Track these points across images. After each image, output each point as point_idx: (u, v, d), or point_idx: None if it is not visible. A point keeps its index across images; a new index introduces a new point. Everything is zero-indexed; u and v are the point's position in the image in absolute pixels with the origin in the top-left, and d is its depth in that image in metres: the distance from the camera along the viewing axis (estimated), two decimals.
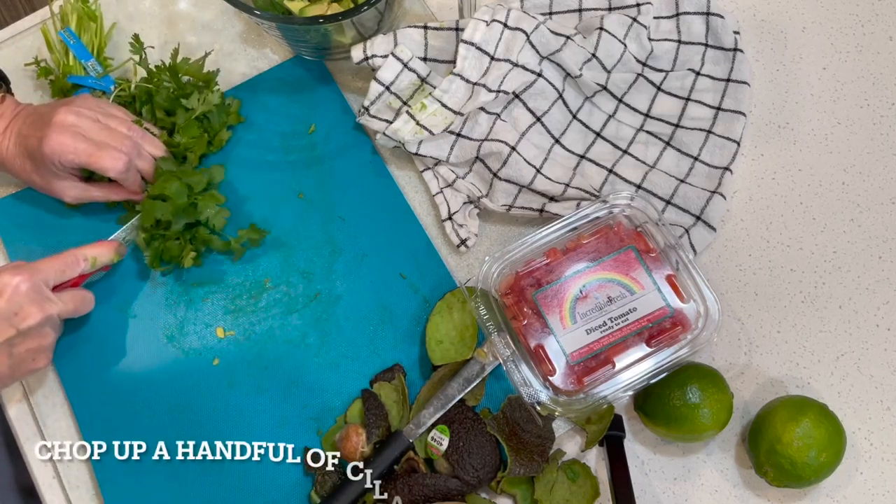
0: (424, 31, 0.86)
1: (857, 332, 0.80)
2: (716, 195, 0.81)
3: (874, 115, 0.87)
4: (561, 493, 0.74)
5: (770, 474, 0.72)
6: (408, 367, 0.79)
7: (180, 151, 0.83)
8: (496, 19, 0.82)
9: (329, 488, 0.74)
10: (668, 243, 0.75)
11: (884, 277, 0.81)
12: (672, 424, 0.73)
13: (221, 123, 0.86)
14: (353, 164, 0.86)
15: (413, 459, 0.74)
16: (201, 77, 0.86)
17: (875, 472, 0.76)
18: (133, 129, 0.80)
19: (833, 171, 0.85)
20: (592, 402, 0.71)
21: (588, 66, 0.84)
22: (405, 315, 0.81)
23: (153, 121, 0.85)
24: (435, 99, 0.81)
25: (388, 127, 0.82)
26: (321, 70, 0.90)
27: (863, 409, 0.77)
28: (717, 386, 0.73)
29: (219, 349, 0.80)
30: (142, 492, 0.76)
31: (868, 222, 0.83)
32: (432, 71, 0.85)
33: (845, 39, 0.90)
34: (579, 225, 0.77)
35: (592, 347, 0.72)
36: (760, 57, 0.90)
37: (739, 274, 0.82)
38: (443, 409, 0.75)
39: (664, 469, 0.76)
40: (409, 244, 0.83)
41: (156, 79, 0.85)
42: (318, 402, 0.78)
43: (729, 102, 0.85)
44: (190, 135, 0.83)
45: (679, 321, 0.73)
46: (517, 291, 0.74)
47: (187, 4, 0.94)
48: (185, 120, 0.83)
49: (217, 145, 0.86)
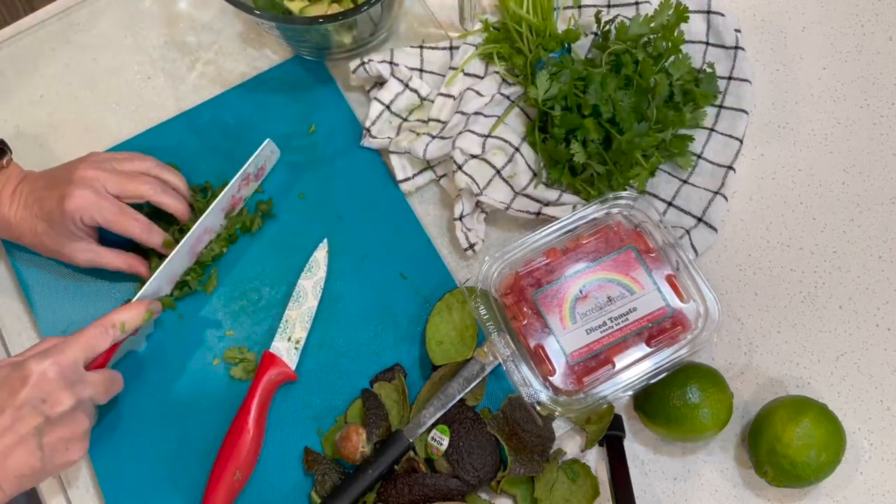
0: (420, 50, 0.88)
1: (857, 332, 0.80)
2: (718, 196, 0.81)
3: (874, 115, 0.87)
4: (561, 492, 0.74)
5: (770, 474, 0.72)
6: (408, 367, 0.79)
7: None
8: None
9: (329, 488, 0.74)
10: (668, 243, 0.75)
11: (884, 277, 0.81)
12: (672, 424, 0.73)
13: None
14: (353, 164, 0.86)
15: (413, 459, 0.74)
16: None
17: (875, 472, 0.76)
18: (152, 165, 0.79)
19: (833, 171, 0.85)
20: (592, 402, 0.71)
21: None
22: (405, 315, 0.81)
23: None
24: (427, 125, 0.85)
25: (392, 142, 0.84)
26: (321, 70, 0.90)
27: (863, 409, 0.77)
28: (717, 386, 0.73)
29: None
30: (142, 491, 0.76)
31: (868, 222, 0.83)
32: (432, 90, 0.87)
33: (845, 39, 0.90)
34: (579, 225, 0.77)
35: (592, 347, 0.72)
36: (760, 57, 0.90)
37: (739, 274, 0.82)
38: (443, 409, 0.75)
39: (664, 469, 0.76)
40: (410, 244, 0.83)
41: None
42: (318, 402, 0.78)
43: (731, 100, 0.85)
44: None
45: (679, 321, 0.73)
46: (517, 291, 0.74)
47: (187, 4, 0.94)
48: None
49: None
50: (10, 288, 0.84)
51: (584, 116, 0.79)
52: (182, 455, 0.77)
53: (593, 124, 0.78)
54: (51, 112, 0.90)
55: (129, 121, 0.90)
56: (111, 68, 0.92)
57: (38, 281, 0.83)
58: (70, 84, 0.91)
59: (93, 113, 0.90)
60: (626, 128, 0.77)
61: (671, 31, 0.81)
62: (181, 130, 0.88)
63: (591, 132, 0.78)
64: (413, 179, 0.85)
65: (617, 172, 0.79)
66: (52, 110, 0.90)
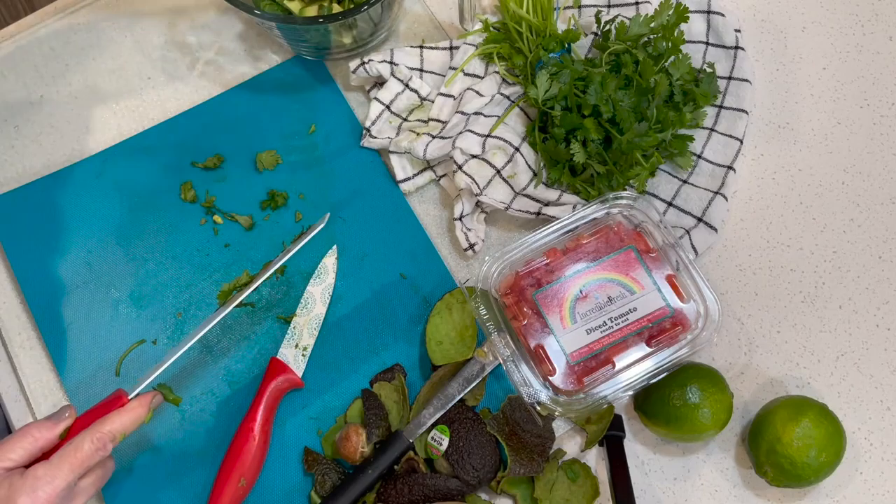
0: (420, 50, 0.88)
1: (857, 332, 0.80)
2: (718, 196, 0.81)
3: (874, 115, 0.87)
4: (561, 492, 0.74)
5: (770, 474, 0.72)
6: (408, 367, 0.79)
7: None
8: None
9: (329, 488, 0.74)
10: (668, 243, 0.75)
11: (884, 277, 0.81)
12: (672, 424, 0.73)
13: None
14: (354, 164, 0.86)
15: (413, 459, 0.74)
16: None
17: (875, 472, 0.76)
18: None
19: (833, 171, 0.85)
20: (592, 402, 0.71)
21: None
22: (405, 315, 0.81)
23: None
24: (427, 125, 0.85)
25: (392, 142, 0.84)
26: (321, 70, 0.90)
27: (863, 409, 0.77)
28: (717, 386, 0.73)
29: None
30: (146, 499, 0.76)
31: (868, 222, 0.83)
32: (432, 90, 0.87)
33: (845, 39, 0.90)
34: (579, 225, 0.77)
35: (592, 347, 0.72)
36: (760, 57, 0.90)
37: (739, 274, 0.82)
38: (443, 409, 0.75)
39: (664, 469, 0.76)
40: (409, 244, 0.83)
41: None
42: (318, 402, 0.78)
43: (731, 100, 0.85)
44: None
45: (679, 321, 0.73)
46: (517, 291, 0.74)
47: (187, 4, 0.94)
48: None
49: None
50: (10, 288, 0.84)
51: (584, 116, 0.79)
52: (186, 461, 0.77)
53: (593, 124, 0.78)
54: (51, 112, 0.90)
55: (129, 121, 0.90)
56: (111, 68, 0.92)
57: (37, 280, 0.83)
58: (70, 84, 0.91)
59: (93, 113, 0.90)
60: (626, 128, 0.77)
61: (671, 31, 0.81)
62: (181, 131, 0.88)
63: (591, 132, 0.78)
64: (413, 179, 0.85)
65: (617, 172, 0.79)
66: (52, 110, 0.90)
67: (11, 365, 0.81)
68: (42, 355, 0.81)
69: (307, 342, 0.79)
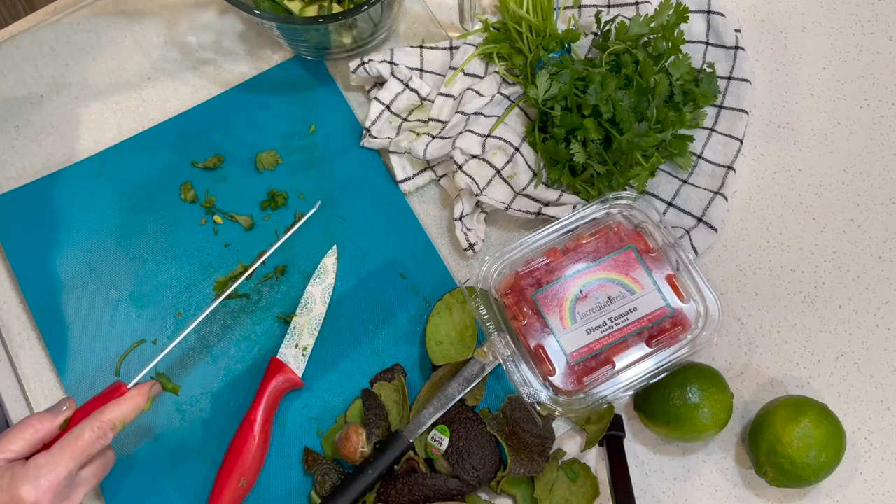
0: (420, 50, 0.88)
1: (857, 332, 0.80)
2: (718, 196, 0.81)
3: (874, 115, 0.87)
4: (561, 492, 0.74)
5: (770, 474, 0.72)
6: (408, 367, 0.79)
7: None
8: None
9: (329, 488, 0.74)
10: (668, 243, 0.75)
11: (884, 277, 0.81)
12: (672, 424, 0.73)
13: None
14: (354, 164, 0.86)
15: (413, 459, 0.74)
16: None
17: (875, 472, 0.76)
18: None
19: (833, 171, 0.85)
20: (592, 402, 0.71)
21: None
22: (405, 315, 0.81)
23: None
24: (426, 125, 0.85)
25: (392, 142, 0.84)
26: (321, 70, 0.90)
27: (863, 409, 0.77)
28: (717, 386, 0.73)
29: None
30: (146, 499, 0.76)
31: (868, 222, 0.83)
32: (432, 90, 0.87)
33: (845, 39, 0.90)
34: (579, 225, 0.77)
35: (592, 347, 0.72)
36: (760, 57, 0.90)
37: (739, 274, 0.82)
38: (443, 409, 0.75)
39: (664, 469, 0.76)
40: (409, 244, 0.83)
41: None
42: (318, 402, 0.78)
43: (731, 100, 0.85)
44: None
45: (679, 321, 0.73)
46: (517, 291, 0.74)
47: (187, 4, 0.94)
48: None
49: None
50: (10, 288, 0.84)
51: (584, 116, 0.79)
52: (186, 461, 0.77)
53: (593, 124, 0.78)
54: (51, 112, 0.90)
55: (130, 121, 0.90)
56: (111, 68, 0.92)
57: (37, 280, 0.83)
58: (70, 84, 0.91)
59: (93, 113, 0.90)
60: (626, 128, 0.77)
61: (671, 31, 0.81)
62: (181, 130, 0.88)
63: (591, 132, 0.78)
64: (413, 179, 0.85)
65: (617, 172, 0.79)
66: (52, 110, 0.90)
67: (11, 365, 0.81)
68: (42, 355, 0.81)
69: (307, 342, 0.79)
